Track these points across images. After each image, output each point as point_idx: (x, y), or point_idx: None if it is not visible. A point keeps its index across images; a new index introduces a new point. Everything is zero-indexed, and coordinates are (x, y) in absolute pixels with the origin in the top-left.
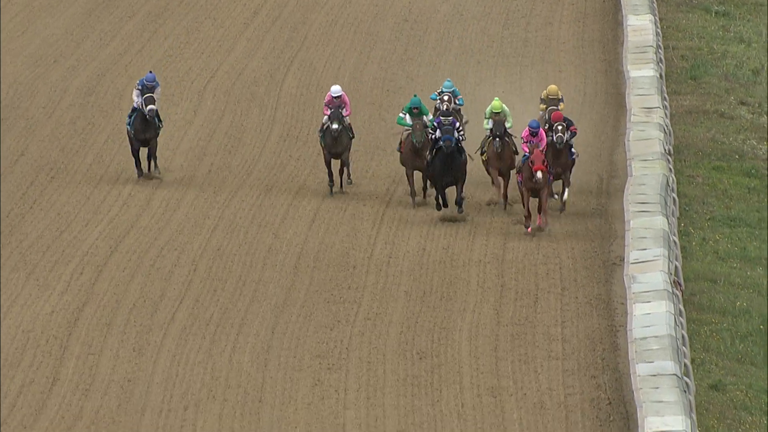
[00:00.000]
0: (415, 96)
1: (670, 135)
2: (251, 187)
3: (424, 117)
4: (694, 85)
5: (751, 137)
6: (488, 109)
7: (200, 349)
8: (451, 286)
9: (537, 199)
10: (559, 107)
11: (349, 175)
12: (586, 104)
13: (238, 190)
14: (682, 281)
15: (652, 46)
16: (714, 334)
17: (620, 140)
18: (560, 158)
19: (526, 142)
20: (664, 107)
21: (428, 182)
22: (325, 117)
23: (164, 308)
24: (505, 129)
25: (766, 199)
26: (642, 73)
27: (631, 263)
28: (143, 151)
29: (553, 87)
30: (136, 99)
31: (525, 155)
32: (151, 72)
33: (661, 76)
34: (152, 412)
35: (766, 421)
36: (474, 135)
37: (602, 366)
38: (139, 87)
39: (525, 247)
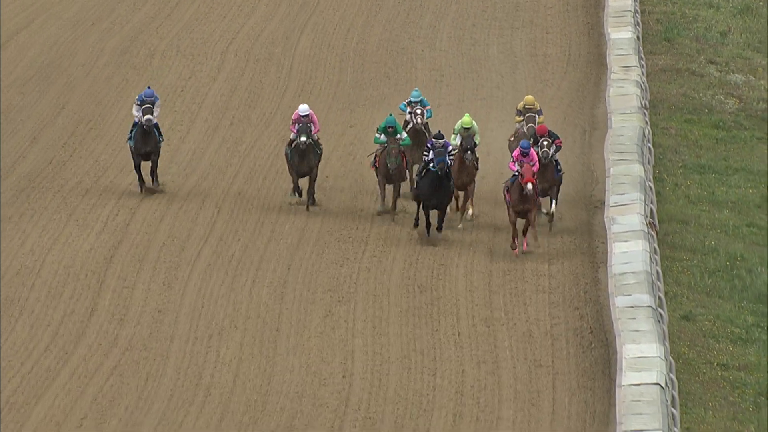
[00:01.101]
0: (390, 115)
1: (646, 91)
2: (269, 138)
3: (398, 135)
4: (667, 46)
5: (719, 93)
6: (458, 125)
7: (223, 283)
8: (449, 227)
9: (524, 221)
10: (539, 119)
11: (313, 193)
12: (570, 63)
13: (257, 140)
14: (656, 222)
15: (630, 11)
16: (685, 270)
17: (601, 96)
18: (546, 174)
19: (515, 161)
20: (641, 66)
21: (397, 199)
22: (293, 134)
23: (191, 246)
24: (475, 143)
25: (732, 148)
26: (621, 35)
27: (611, 206)
28: (146, 166)
29: (529, 98)
30: (136, 114)
31: (514, 175)
32: (149, 87)
33: (638, 37)
34: (180, 340)
35: (731, 348)
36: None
37: (585, 299)
38: (138, 102)
39: None
